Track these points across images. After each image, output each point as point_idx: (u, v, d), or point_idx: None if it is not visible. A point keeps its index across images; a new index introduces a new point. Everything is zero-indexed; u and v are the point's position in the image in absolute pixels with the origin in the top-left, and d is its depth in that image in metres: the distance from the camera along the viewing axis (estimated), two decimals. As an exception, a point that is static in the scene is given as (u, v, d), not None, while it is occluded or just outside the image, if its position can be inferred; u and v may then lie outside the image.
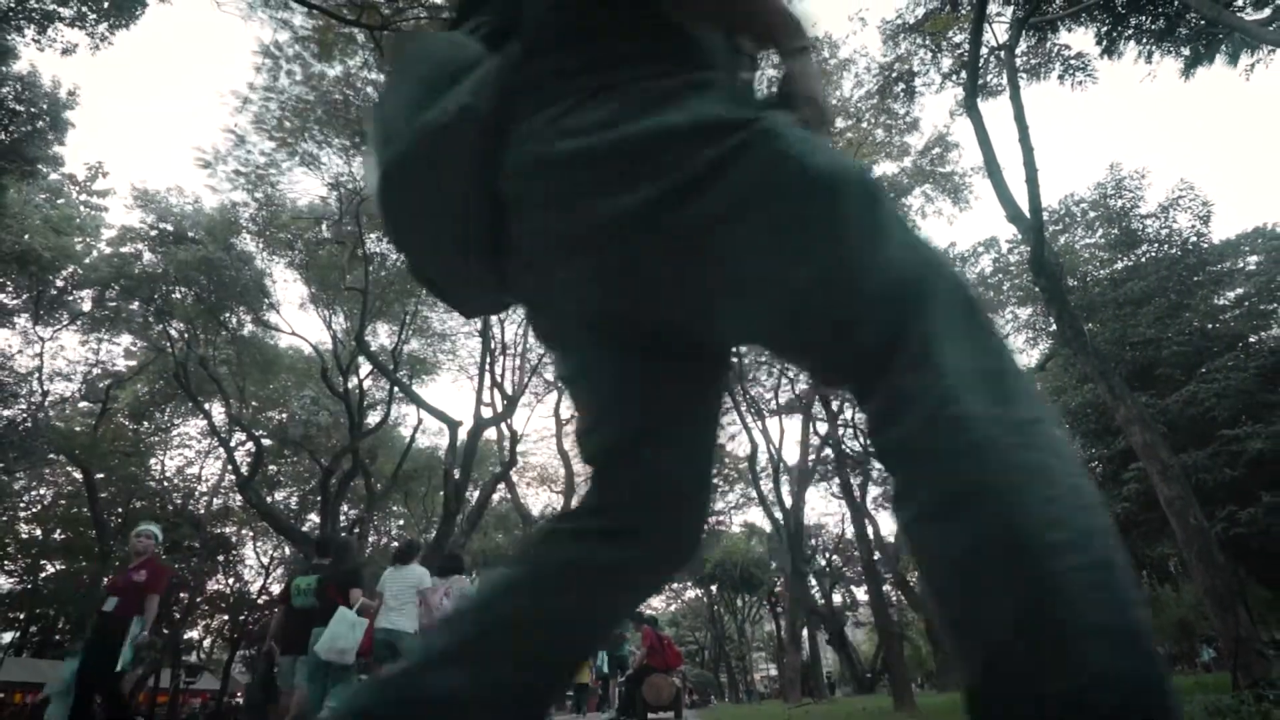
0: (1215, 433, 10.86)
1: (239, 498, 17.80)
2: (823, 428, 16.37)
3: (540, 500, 24.36)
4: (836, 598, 27.09)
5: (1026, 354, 15.70)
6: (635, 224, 0.57)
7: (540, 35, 0.66)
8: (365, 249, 13.01)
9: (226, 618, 23.31)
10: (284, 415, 18.30)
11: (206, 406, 15.88)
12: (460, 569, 5.12)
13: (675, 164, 0.56)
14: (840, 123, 11.89)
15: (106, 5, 11.12)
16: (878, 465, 18.97)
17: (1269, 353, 11.38)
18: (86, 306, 15.13)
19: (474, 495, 15.27)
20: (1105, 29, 10.70)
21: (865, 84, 11.71)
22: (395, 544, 8.38)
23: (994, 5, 9.90)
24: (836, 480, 16.99)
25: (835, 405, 14.11)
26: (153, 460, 19.27)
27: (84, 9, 11.19)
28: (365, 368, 16.18)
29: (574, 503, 0.83)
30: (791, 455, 18.48)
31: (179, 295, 14.17)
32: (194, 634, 21.09)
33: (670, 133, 0.57)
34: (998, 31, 10.33)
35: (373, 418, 16.59)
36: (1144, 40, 10.64)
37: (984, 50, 9.94)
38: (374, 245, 13.60)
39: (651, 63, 0.63)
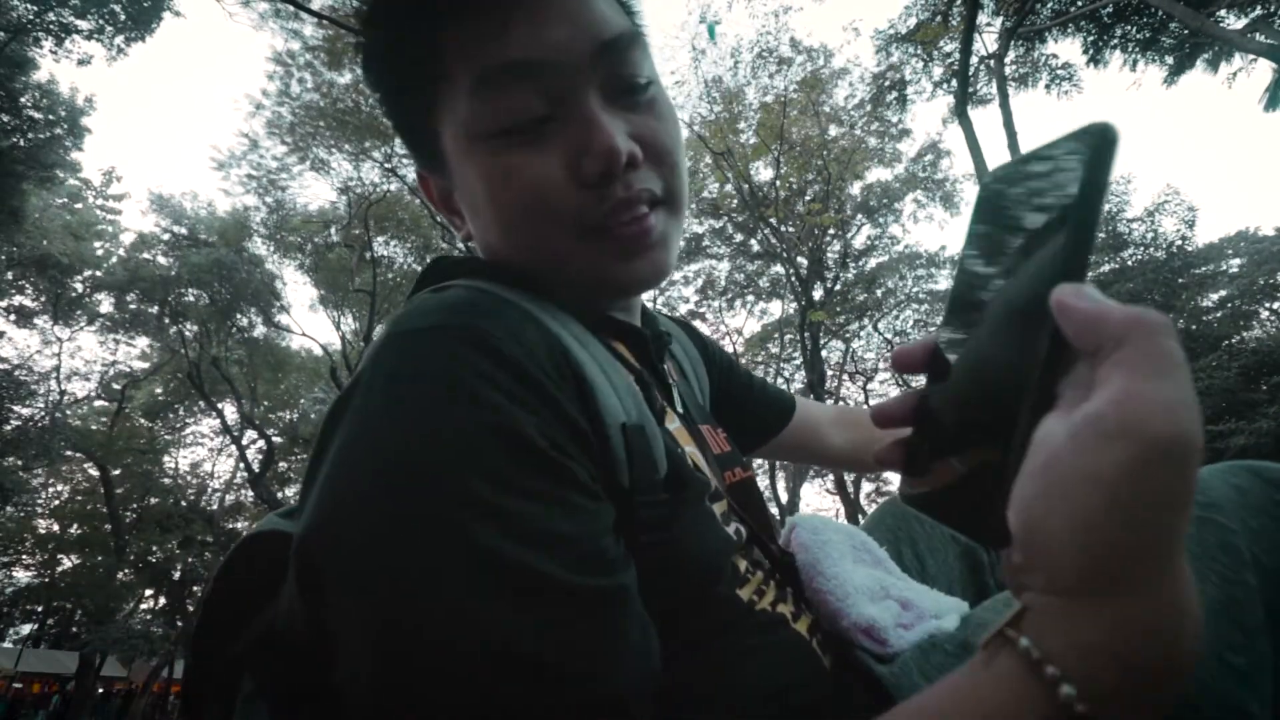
0: (1199, 430, 11.12)
1: (250, 494, 18.26)
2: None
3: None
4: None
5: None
6: None
7: None
8: (373, 252, 13.36)
9: (237, 611, 23.76)
10: (294, 414, 18.73)
11: (219, 405, 16.28)
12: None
13: None
14: (834, 130, 12.21)
15: (124, 19, 11.42)
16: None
17: (1251, 352, 11.61)
18: (104, 308, 15.52)
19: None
20: (1092, 39, 10.94)
21: (859, 92, 12.03)
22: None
23: (983, 16, 10.10)
24: (830, 477, 17.33)
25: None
26: (166, 458, 19.68)
27: (102, 22, 11.45)
28: (373, 367, 16.49)
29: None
30: (789, 452, 18.68)
31: (192, 297, 14.56)
32: (206, 626, 21.55)
33: None
34: (987, 41, 10.50)
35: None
36: (1129, 49, 10.88)
37: (974, 60, 10.13)
38: (381, 248, 13.94)
39: None
